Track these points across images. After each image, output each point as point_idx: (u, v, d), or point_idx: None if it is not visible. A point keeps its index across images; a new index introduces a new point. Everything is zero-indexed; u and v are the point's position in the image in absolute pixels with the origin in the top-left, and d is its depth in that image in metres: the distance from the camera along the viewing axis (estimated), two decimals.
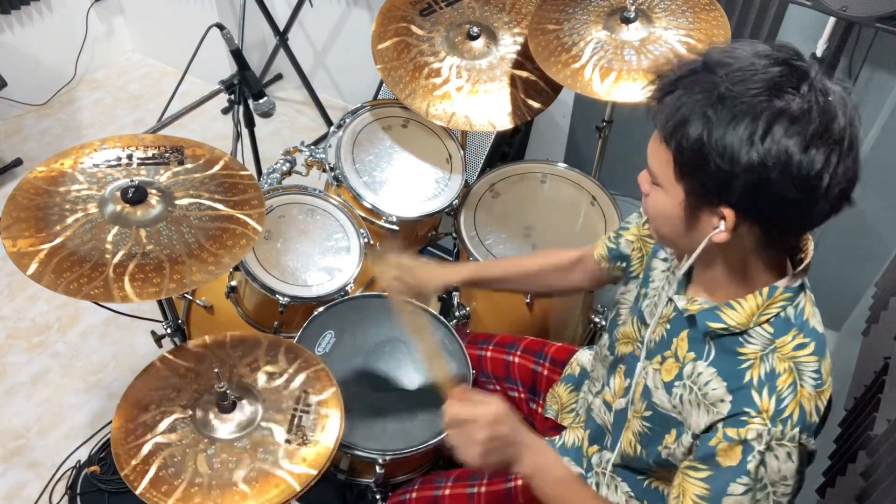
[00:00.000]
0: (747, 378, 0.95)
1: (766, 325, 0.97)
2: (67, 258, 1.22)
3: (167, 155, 1.44)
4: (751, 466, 0.91)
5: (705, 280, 1.04)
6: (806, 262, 0.98)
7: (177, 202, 1.35)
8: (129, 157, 1.43)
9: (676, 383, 1.04)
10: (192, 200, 1.36)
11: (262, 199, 1.39)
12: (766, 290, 0.97)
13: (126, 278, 1.21)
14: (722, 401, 0.96)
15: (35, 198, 1.32)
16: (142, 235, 1.28)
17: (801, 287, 0.98)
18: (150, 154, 1.44)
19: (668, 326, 1.09)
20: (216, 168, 1.43)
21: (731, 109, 0.83)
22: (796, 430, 0.91)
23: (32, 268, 1.20)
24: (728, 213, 0.88)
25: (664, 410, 1.07)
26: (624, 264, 1.30)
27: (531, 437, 1.08)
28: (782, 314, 0.97)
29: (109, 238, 1.27)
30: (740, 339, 0.98)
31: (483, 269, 1.46)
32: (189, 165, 1.42)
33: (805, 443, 0.92)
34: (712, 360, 1.00)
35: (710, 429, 0.97)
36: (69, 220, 1.29)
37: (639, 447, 1.13)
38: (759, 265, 0.97)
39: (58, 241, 1.25)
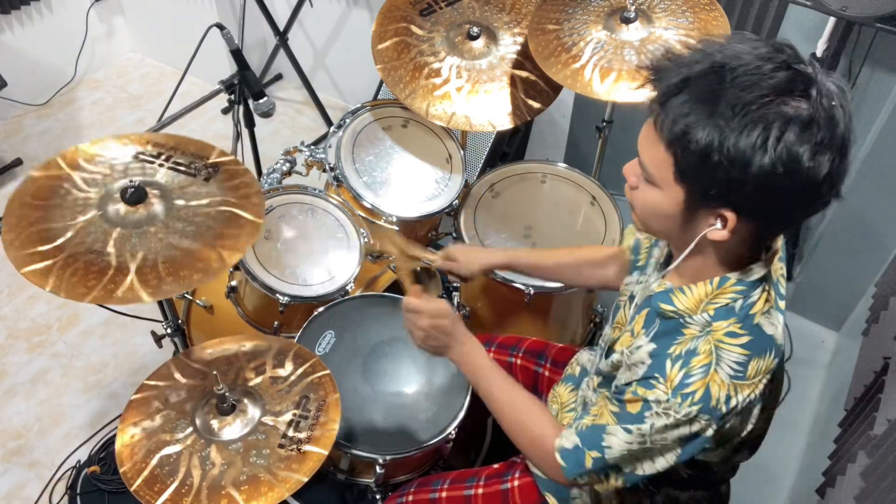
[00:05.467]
0: (670, 349, 0.98)
1: (710, 311, 0.99)
2: (43, 232, 1.26)
3: (199, 165, 1.45)
4: (644, 423, 0.97)
5: (687, 266, 1.04)
6: (766, 259, 0.99)
7: (169, 216, 1.34)
8: (167, 158, 1.45)
9: (618, 350, 1.08)
10: (186, 221, 1.35)
11: (244, 248, 1.36)
12: (716, 279, 0.98)
13: (67, 271, 1.22)
14: (643, 363, 1.00)
15: (53, 180, 1.37)
16: (113, 236, 1.30)
17: (761, 283, 0.99)
18: (186, 161, 1.46)
19: (639, 303, 1.12)
20: (230, 196, 1.42)
21: (743, 116, 0.83)
22: (694, 408, 0.93)
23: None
24: (730, 215, 0.89)
25: (606, 373, 1.12)
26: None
27: (466, 335, 1.24)
28: (730, 304, 0.98)
29: (88, 228, 1.29)
30: (683, 320, 1.00)
31: (519, 256, 1.48)
32: (213, 186, 1.42)
33: (701, 424, 0.94)
34: (654, 336, 1.03)
35: (628, 384, 1.02)
36: (69, 200, 1.32)
37: None
38: (744, 259, 0.98)
39: (53, 223, 1.28)
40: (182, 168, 1.45)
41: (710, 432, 0.95)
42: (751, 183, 0.84)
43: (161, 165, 1.44)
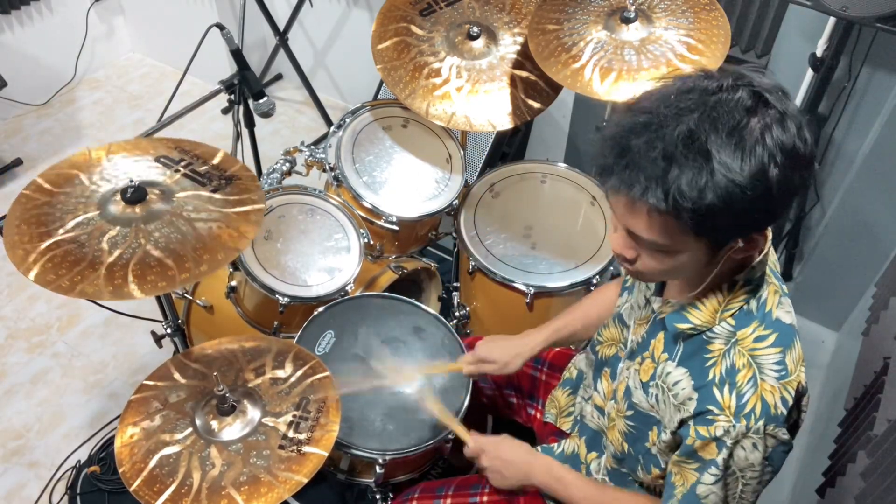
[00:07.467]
0: (710, 376, 0.98)
1: (729, 320, 1.00)
2: (42, 216, 1.30)
3: (213, 175, 1.46)
4: (720, 459, 0.97)
5: (683, 279, 1.04)
6: (764, 252, 1.00)
7: (155, 222, 1.34)
8: (187, 165, 1.47)
9: (651, 383, 1.08)
10: (171, 227, 1.35)
11: (222, 264, 1.35)
12: (725, 286, 1.00)
13: (43, 259, 1.24)
14: (690, 398, 1.00)
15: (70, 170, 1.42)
16: (105, 230, 1.31)
17: (763, 277, 1.00)
18: (202, 170, 1.47)
19: (647, 327, 1.12)
20: (228, 212, 1.41)
21: (741, 153, 0.84)
22: (760, 422, 0.94)
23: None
24: (757, 234, 0.92)
25: (643, 410, 1.11)
26: None
27: (533, 454, 1.28)
28: (745, 307, 0.99)
29: (77, 219, 1.31)
30: (706, 336, 1.01)
31: (557, 332, 1.42)
32: (218, 196, 1.42)
33: (773, 433, 0.95)
34: (680, 360, 1.03)
35: (682, 425, 1.01)
36: (77, 191, 1.36)
37: (626, 445, 1.16)
38: (740, 257, 0.98)
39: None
40: (195, 176, 1.45)
41: (783, 436, 0.96)
42: (774, 199, 0.86)
43: (177, 171, 1.45)
